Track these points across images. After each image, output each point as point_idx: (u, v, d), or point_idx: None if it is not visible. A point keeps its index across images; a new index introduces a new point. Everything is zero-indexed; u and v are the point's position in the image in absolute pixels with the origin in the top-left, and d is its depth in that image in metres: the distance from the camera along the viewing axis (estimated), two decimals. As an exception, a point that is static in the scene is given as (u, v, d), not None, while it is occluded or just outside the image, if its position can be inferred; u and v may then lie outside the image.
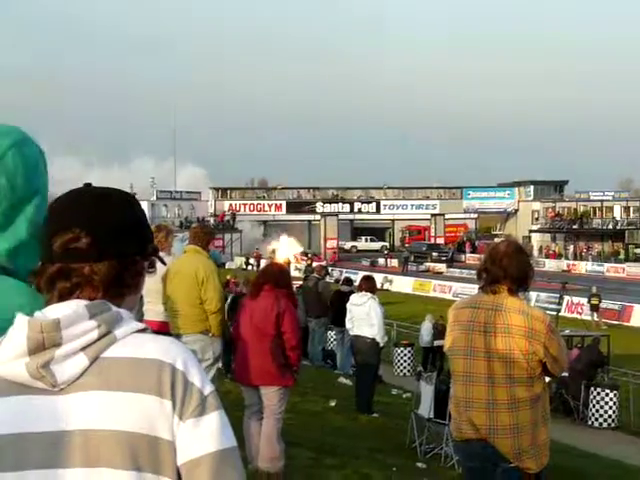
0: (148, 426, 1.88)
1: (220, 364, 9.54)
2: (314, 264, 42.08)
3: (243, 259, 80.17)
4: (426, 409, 12.60)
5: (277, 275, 9.24)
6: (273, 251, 79.18)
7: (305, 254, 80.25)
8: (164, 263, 2.20)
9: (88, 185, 2.11)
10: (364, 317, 15.25)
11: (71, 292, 1.96)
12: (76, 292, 1.97)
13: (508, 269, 5.53)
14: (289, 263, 57.42)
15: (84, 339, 1.90)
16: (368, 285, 15.97)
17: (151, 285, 9.87)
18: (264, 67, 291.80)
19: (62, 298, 1.96)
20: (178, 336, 9.28)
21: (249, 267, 75.50)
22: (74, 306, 1.92)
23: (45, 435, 1.87)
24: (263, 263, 74.11)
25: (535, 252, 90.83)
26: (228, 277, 31.86)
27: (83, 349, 1.90)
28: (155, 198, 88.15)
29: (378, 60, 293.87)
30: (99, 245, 1.97)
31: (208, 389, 1.94)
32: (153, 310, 9.93)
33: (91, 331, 1.90)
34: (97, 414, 1.87)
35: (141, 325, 1.98)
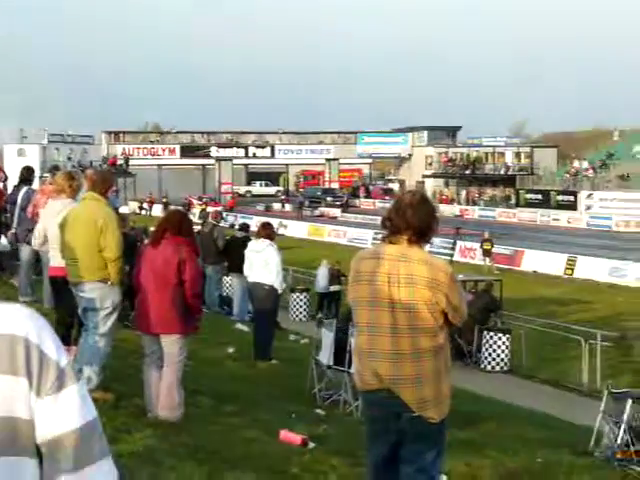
0: (5, 407, 1.77)
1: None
2: (209, 209, 41.84)
3: (137, 204, 79.36)
4: (326, 356, 12.70)
5: (179, 223, 9.16)
6: (165, 197, 78.66)
7: (200, 199, 79.91)
8: None
9: None
10: (262, 264, 15.26)
11: None
12: None
13: (410, 220, 5.53)
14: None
15: None
16: (266, 232, 15.94)
17: (57, 232, 9.70)
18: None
19: None
20: (77, 284, 9.20)
21: (142, 212, 74.91)
22: None
23: None
24: (156, 208, 74.12)
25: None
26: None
27: None
28: (46, 141, 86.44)
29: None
30: None
31: (64, 360, 1.85)
32: (59, 256, 9.77)
33: None
34: None
35: None
